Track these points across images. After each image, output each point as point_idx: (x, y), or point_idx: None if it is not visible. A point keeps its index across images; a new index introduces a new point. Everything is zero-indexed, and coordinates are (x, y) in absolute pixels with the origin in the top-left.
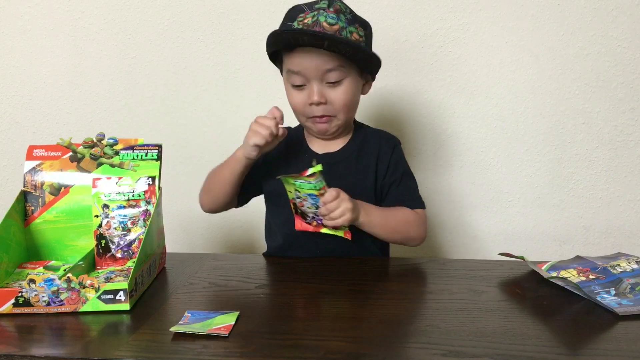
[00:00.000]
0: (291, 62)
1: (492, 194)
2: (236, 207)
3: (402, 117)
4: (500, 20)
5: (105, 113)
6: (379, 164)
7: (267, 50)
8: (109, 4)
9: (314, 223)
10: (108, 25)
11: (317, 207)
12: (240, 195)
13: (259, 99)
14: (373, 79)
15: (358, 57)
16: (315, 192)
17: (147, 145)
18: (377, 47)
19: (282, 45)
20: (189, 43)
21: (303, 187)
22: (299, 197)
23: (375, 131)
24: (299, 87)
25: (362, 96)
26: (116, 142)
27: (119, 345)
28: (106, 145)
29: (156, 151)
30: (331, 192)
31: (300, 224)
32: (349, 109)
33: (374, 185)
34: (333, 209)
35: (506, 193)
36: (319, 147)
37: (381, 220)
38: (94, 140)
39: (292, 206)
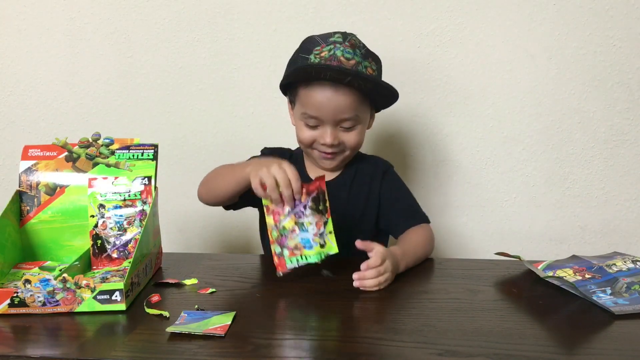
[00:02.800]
0: (308, 104)
1: (488, 194)
2: (226, 209)
3: (398, 116)
4: (497, 19)
5: (101, 113)
6: (371, 191)
7: (282, 82)
8: (105, 4)
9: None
10: (104, 25)
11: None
12: (237, 204)
13: (255, 98)
14: (377, 110)
15: (376, 92)
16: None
17: (143, 145)
18: (374, 47)
19: (302, 78)
20: (186, 43)
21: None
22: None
23: (368, 159)
24: (312, 125)
25: None
26: (112, 142)
27: (114, 346)
28: (102, 145)
29: (152, 151)
30: (376, 259)
31: (283, 266)
32: (359, 146)
33: (363, 212)
34: (376, 277)
35: (502, 192)
36: (315, 174)
37: (413, 257)
38: (90, 140)
39: (272, 249)
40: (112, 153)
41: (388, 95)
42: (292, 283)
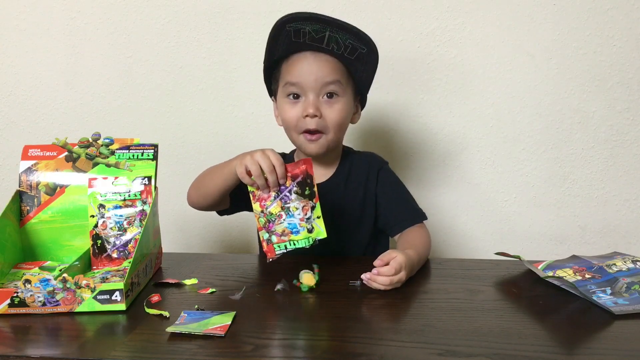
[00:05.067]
0: (290, 72)
1: (488, 194)
2: (220, 215)
3: (398, 116)
4: (497, 19)
5: (101, 113)
6: (368, 189)
7: (266, 61)
8: (105, 4)
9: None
10: (104, 25)
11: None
12: (228, 209)
13: (254, 98)
14: (362, 106)
15: (357, 54)
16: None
17: (143, 145)
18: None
19: (284, 46)
20: (185, 43)
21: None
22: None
23: (361, 156)
24: (295, 99)
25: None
26: (112, 142)
27: (115, 346)
28: (102, 145)
29: (152, 151)
30: (389, 269)
31: (272, 252)
32: (340, 128)
33: (362, 211)
34: (386, 284)
35: (502, 192)
36: None
37: (418, 260)
38: (90, 140)
39: (260, 236)
40: (112, 153)
41: (368, 54)
42: (292, 283)
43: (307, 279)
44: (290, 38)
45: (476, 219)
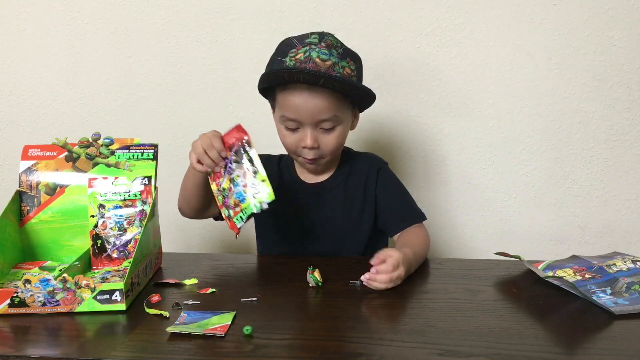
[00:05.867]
0: (286, 107)
1: (488, 194)
2: (216, 220)
3: (398, 116)
4: (497, 19)
5: (101, 113)
6: (367, 190)
7: (259, 86)
8: (105, 4)
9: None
10: (104, 25)
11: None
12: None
13: (254, 98)
14: (361, 110)
15: (353, 94)
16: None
17: (143, 145)
18: (374, 47)
19: (276, 83)
20: (185, 43)
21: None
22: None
23: (361, 156)
24: (292, 128)
25: None
26: (112, 142)
27: (115, 346)
28: (102, 145)
29: (152, 151)
30: (387, 267)
31: (234, 228)
32: (339, 149)
33: (362, 211)
34: (386, 282)
35: (502, 192)
36: (307, 177)
37: (421, 260)
38: (90, 140)
39: (222, 214)
40: (112, 153)
41: (364, 96)
42: (291, 282)
43: (318, 273)
44: (284, 79)
45: (476, 219)
